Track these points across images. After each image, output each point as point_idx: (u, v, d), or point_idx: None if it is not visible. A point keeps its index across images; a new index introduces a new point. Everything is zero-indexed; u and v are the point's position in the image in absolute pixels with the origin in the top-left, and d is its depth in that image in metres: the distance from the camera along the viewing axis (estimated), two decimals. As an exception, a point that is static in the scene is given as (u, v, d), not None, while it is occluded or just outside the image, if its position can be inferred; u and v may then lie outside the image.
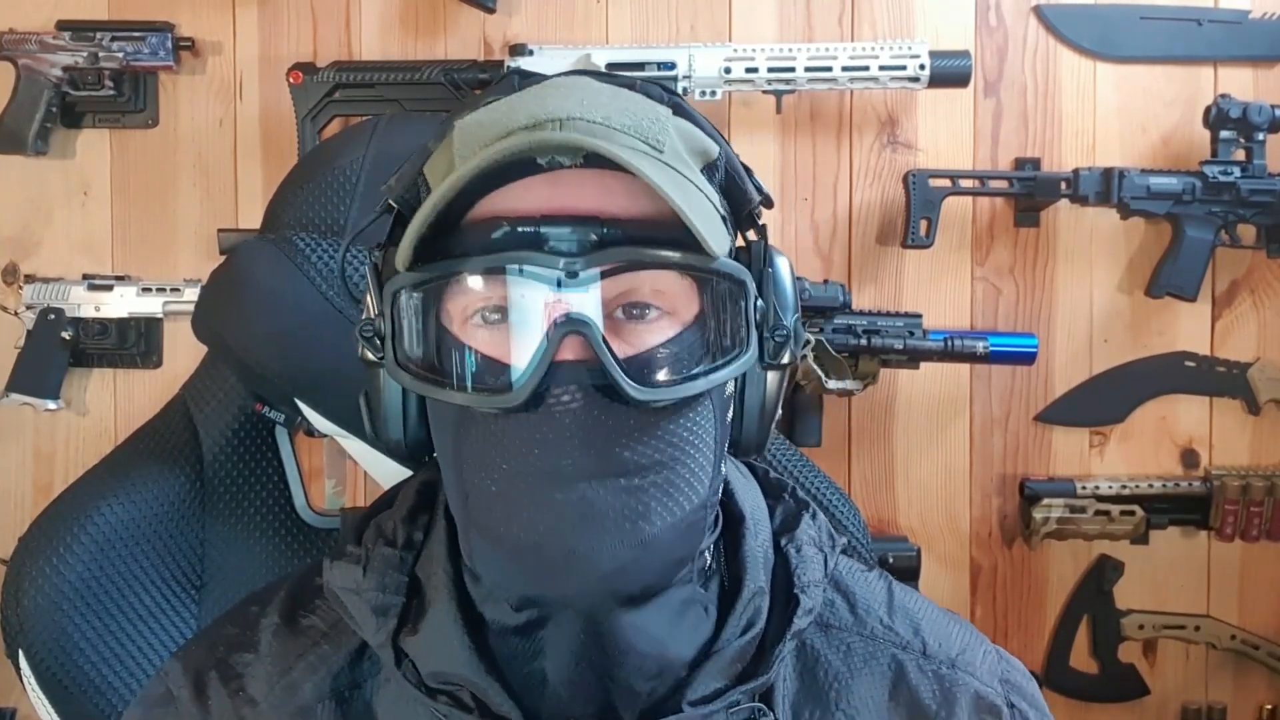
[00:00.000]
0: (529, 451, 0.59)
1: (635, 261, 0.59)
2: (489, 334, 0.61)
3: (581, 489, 0.59)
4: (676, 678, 0.63)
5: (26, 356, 1.49)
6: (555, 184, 0.60)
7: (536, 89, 0.66)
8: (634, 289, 0.61)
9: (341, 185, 1.09)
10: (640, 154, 0.59)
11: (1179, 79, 1.50)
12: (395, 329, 0.63)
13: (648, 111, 0.63)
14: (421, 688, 0.64)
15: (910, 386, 1.51)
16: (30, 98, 1.47)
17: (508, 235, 0.59)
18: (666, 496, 0.61)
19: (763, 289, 0.65)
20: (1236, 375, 1.50)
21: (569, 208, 0.59)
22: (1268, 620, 1.52)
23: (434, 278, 0.61)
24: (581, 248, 0.58)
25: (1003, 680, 0.72)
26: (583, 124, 0.59)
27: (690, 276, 0.61)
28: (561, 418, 0.59)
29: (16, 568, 1.00)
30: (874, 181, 1.51)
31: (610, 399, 0.59)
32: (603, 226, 0.59)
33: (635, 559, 0.60)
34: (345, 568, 0.67)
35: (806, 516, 0.73)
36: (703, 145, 0.65)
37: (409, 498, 0.71)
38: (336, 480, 1.47)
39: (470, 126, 0.62)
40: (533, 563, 0.60)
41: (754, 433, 0.68)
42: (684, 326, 0.62)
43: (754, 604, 0.66)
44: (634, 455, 0.60)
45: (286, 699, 0.67)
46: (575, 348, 0.58)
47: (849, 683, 0.69)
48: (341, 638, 0.69)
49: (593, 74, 0.69)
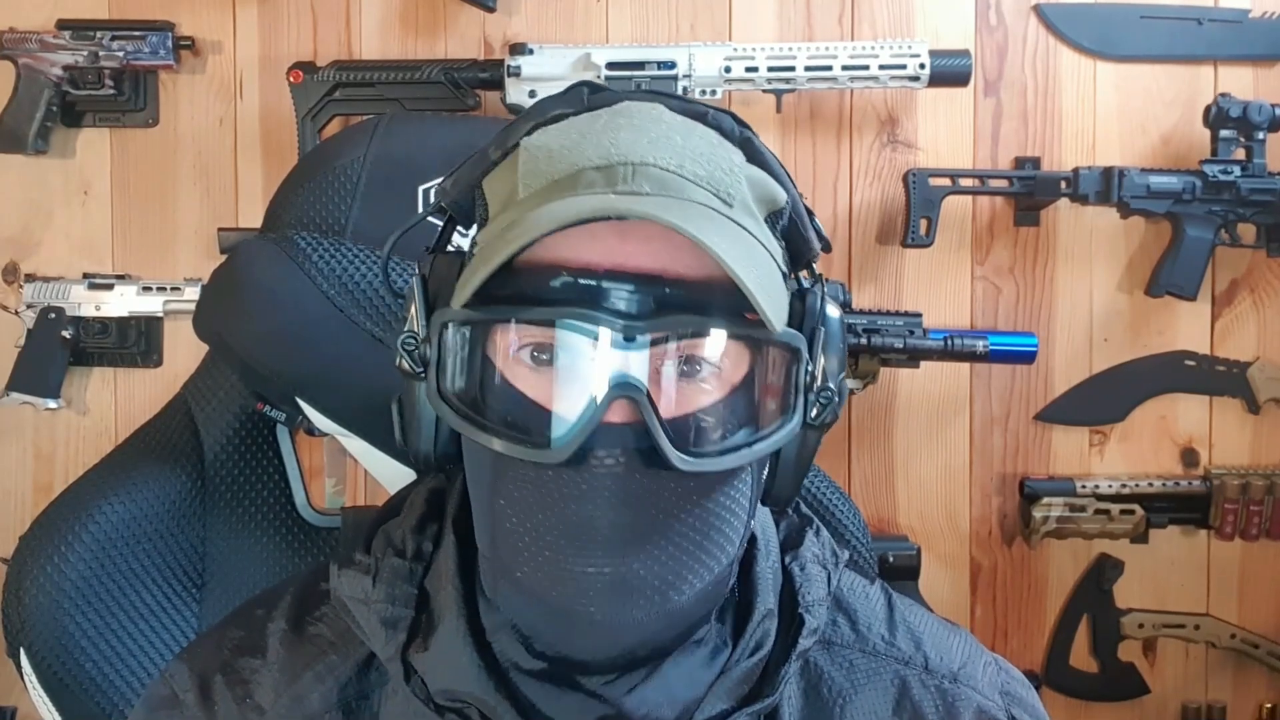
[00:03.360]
0: (566, 506, 0.58)
1: (695, 330, 0.57)
2: (536, 377, 0.59)
3: (617, 559, 0.57)
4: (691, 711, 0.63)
5: (27, 355, 1.49)
6: (623, 236, 0.58)
7: (609, 116, 0.63)
8: (689, 346, 0.59)
9: (342, 184, 1.09)
10: (710, 212, 0.58)
11: (1179, 78, 1.50)
12: (440, 358, 0.61)
13: (722, 160, 0.61)
14: (430, 704, 0.63)
15: (910, 385, 1.51)
16: (30, 97, 1.47)
17: (568, 286, 0.57)
18: (699, 564, 0.60)
19: (813, 348, 0.63)
20: (1236, 374, 1.50)
21: (633, 265, 0.57)
22: (1267, 619, 1.52)
23: (487, 319, 0.59)
24: (642, 308, 0.56)
25: (1003, 692, 0.73)
26: (655, 171, 0.58)
27: (746, 342, 0.60)
28: (603, 478, 0.57)
29: (17, 567, 1.00)
30: (874, 181, 1.51)
31: (653, 464, 0.57)
32: (665, 287, 0.57)
33: (661, 629, 0.60)
34: (354, 577, 0.66)
35: (810, 533, 0.73)
36: (771, 194, 0.64)
37: (418, 506, 0.70)
38: (337, 479, 1.47)
39: (538, 152, 0.61)
40: (557, 623, 0.60)
41: (787, 488, 0.67)
42: (732, 388, 0.60)
43: (764, 626, 0.66)
44: (674, 521, 0.59)
45: (294, 708, 0.67)
46: (623, 411, 0.57)
47: (853, 699, 0.69)
48: (349, 647, 0.68)
49: (665, 97, 0.67)
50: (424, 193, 1.09)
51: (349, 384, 0.96)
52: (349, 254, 1.00)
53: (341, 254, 1.01)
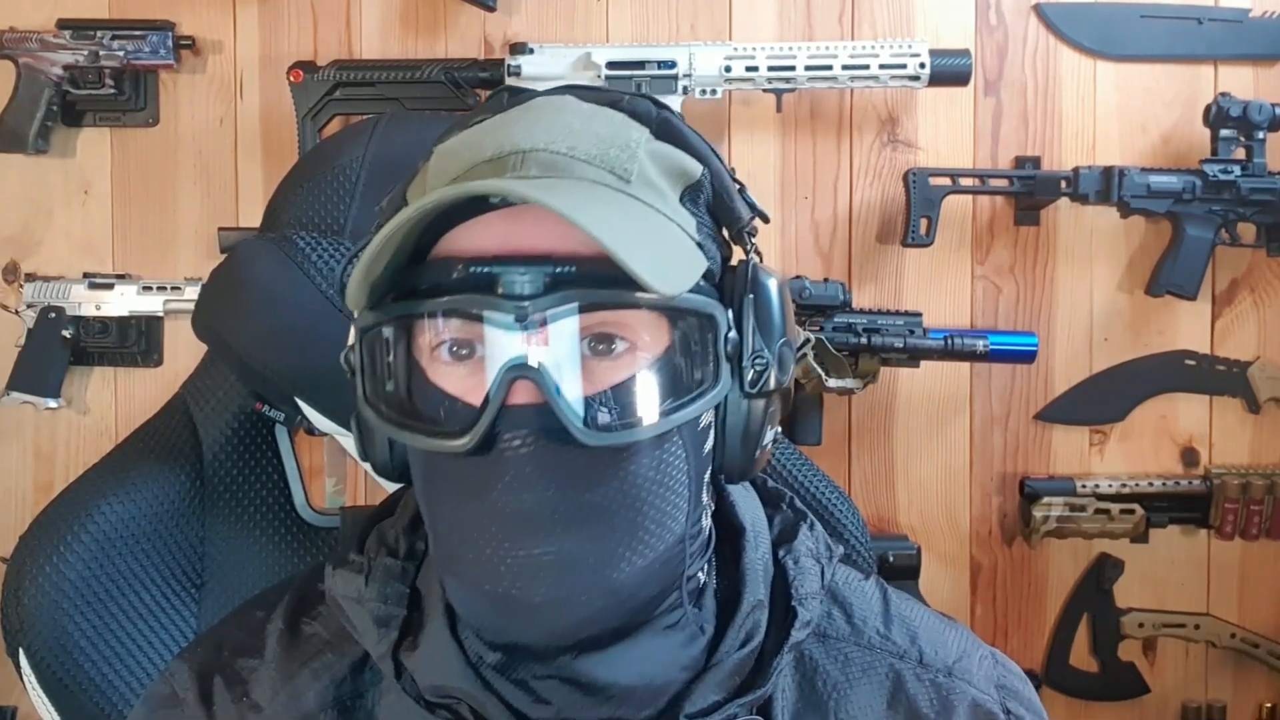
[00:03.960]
0: (488, 493, 0.58)
1: (589, 304, 0.58)
2: (453, 371, 0.60)
3: (546, 541, 0.58)
4: (674, 695, 0.63)
5: (27, 355, 1.49)
6: (514, 221, 0.59)
7: (516, 112, 0.65)
8: (597, 323, 0.59)
9: (342, 184, 1.09)
10: (600, 188, 0.59)
11: (1179, 78, 1.50)
12: (363, 365, 0.62)
13: (619, 138, 0.62)
14: (420, 701, 0.64)
15: (910, 385, 1.51)
16: (31, 96, 1.48)
17: (462, 277, 0.58)
18: (635, 540, 0.60)
19: (741, 316, 0.63)
20: (1236, 374, 1.50)
21: (525, 248, 0.58)
22: (1267, 619, 1.52)
23: (389, 319, 0.61)
24: (534, 289, 0.57)
25: (999, 686, 0.72)
26: (544, 155, 0.59)
27: (655, 309, 0.60)
28: (516, 462, 0.58)
29: (17, 566, 1.00)
30: (874, 180, 1.51)
31: (565, 442, 0.57)
32: (555, 266, 0.57)
33: (604, 607, 0.59)
34: (348, 576, 0.67)
35: (804, 527, 0.73)
36: (681, 166, 0.64)
37: (411, 506, 0.71)
38: (336, 479, 1.47)
39: (445, 154, 0.62)
40: (499, 612, 0.60)
41: (737, 461, 0.65)
42: (653, 359, 0.60)
43: (753, 617, 0.66)
44: (596, 498, 0.59)
45: (291, 706, 0.68)
46: (528, 391, 0.57)
47: (848, 693, 0.69)
48: (344, 646, 0.69)
49: (580, 89, 0.68)
50: (423, 192, 1.09)
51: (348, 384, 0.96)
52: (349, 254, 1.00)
53: (341, 254, 1.01)
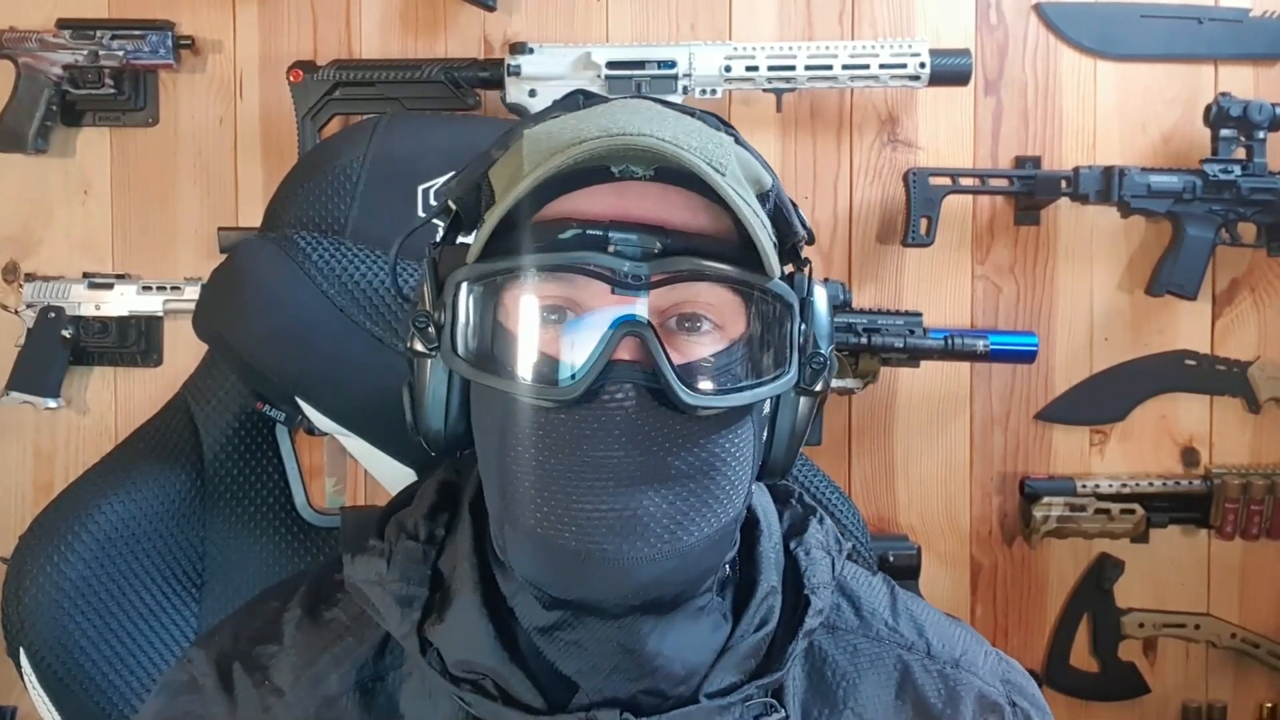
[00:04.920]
0: (577, 446, 0.60)
1: (696, 272, 0.61)
2: (547, 332, 0.62)
3: (625, 496, 0.60)
4: (700, 679, 0.65)
5: (27, 355, 1.49)
6: (622, 194, 0.62)
7: (604, 107, 0.67)
8: (689, 300, 0.63)
9: (342, 184, 1.09)
10: (706, 170, 0.61)
11: (1179, 77, 1.50)
12: (454, 319, 0.64)
13: (711, 136, 0.64)
14: (446, 675, 0.65)
15: (910, 385, 1.51)
16: (30, 96, 1.47)
17: (576, 236, 0.61)
18: (705, 507, 0.62)
19: (805, 316, 0.66)
20: (1237, 374, 1.50)
21: (635, 215, 0.61)
22: (1268, 619, 1.52)
23: (501, 269, 0.63)
24: (646, 254, 0.60)
25: (1004, 680, 0.74)
26: (652, 140, 0.60)
27: (742, 294, 0.63)
28: (613, 414, 0.60)
29: (17, 566, 1.00)
30: (874, 180, 1.51)
31: (660, 403, 0.60)
32: (666, 236, 0.61)
33: (673, 569, 0.61)
34: (368, 560, 0.69)
35: (814, 521, 0.75)
36: (757, 174, 0.66)
37: (429, 496, 0.73)
38: (337, 479, 1.47)
39: (540, 135, 0.64)
40: (570, 565, 0.61)
41: (782, 455, 0.69)
42: (731, 342, 0.64)
43: (767, 603, 0.68)
44: (679, 461, 0.61)
45: (313, 689, 0.69)
46: (632, 348, 0.60)
47: (856, 682, 0.71)
48: (365, 631, 0.70)
49: (655, 100, 0.71)
50: (424, 192, 1.09)
51: (349, 383, 0.96)
52: (349, 253, 1.00)
53: (341, 253, 1.01)
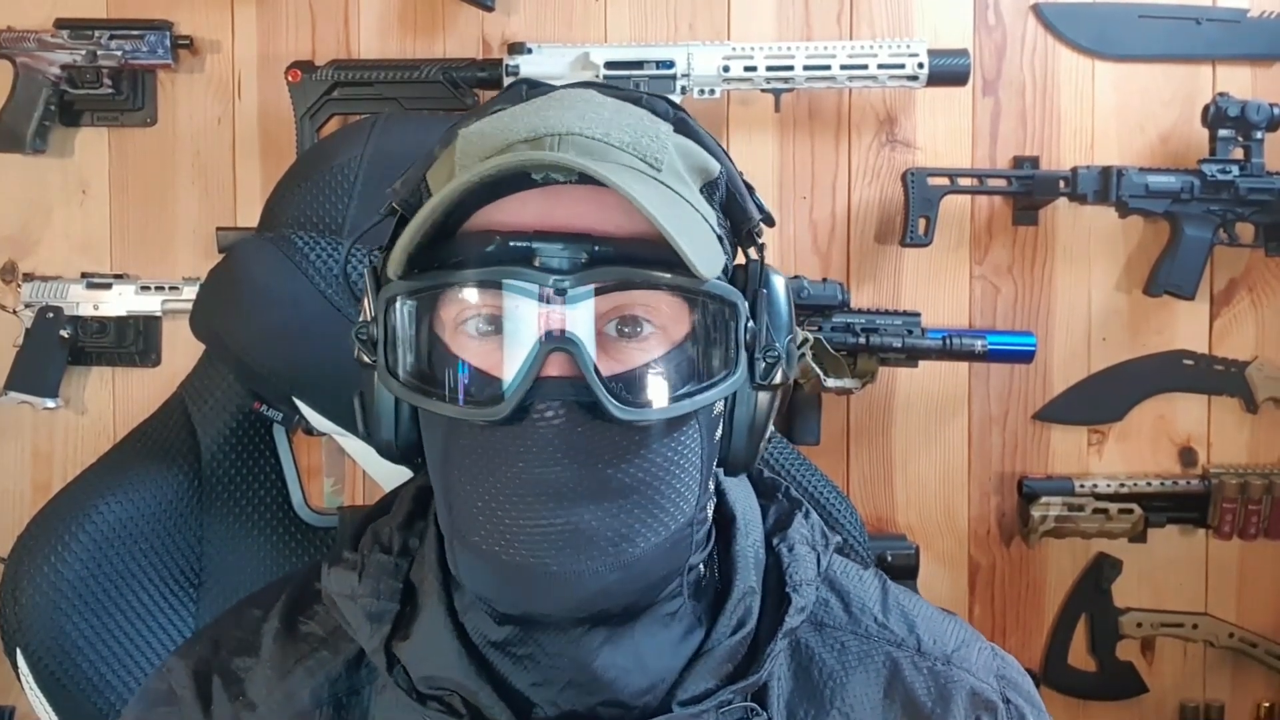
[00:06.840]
0: (513, 464, 0.59)
1: (624, 281, 0.59)
2: (479, 345, 0.61)
3: (566, 512, 0.59)
4: (669, 686, 0.64)
5: (25, 355, 1.49)
6: (551, 199, 0.60)
7: (541, 101, 0.66)
8: (626, 304, 0.61)
9: (340, 184, 1.09)
10: (635, 173, 0.59)
11: (1177, 77, 1.50)
12: (388, 336, 0.63)
13: (648, 128, 0.63)
14: (413, 694, 0.64)
15: (909, 385, 1.51)
16: (28, 96, 1.47)
17: (499, 249, 0.59)
18: (651, 518, 0.61)
19: (756, 310, 0.64)
20: (1234, 374, 1.50)
21: (562, 224, 0.59)
22: (1265, 618, 1.52)
23: (425, 287, 0.61)
24: (572, 265, 0.58)
25: (998, 676, 0.72)
26: (581, 140, 0.59)
27: (683, 296, 0.61)
28: (545, 432, 0.59)
29: (14, 566, 1.00)
30: (872, 180, 1.51)
31: (595, 416, 0.59)
32: (594, 244, 0.58)
33: (618, 580, 0.60)
34: (341, 574, 0.68)
35: (799, 516, 0.73)
36: (703, 163, 0.65)
37: (405, 504, 0.72)
38: (335, 479, 1.47)
39: (472, 136, 0.62)
40: (515, 581, 0.60)
41: (741, 451, 0.67)
42: (674, 345, 0.62)
43: (744, 604, 0.67)
44: (618, 474, 0.60)
45: (285, 704, 0.68)
46: (561, 364, 0.58)
47: (844, 681, 0.69)
48: (340, 644, 0.70)
49: (599, 86, 0.69)
50: (422, 192, 1.09)
51: (346, 383, 0.96)
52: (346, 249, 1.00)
53: (339, 253, 1.01)
